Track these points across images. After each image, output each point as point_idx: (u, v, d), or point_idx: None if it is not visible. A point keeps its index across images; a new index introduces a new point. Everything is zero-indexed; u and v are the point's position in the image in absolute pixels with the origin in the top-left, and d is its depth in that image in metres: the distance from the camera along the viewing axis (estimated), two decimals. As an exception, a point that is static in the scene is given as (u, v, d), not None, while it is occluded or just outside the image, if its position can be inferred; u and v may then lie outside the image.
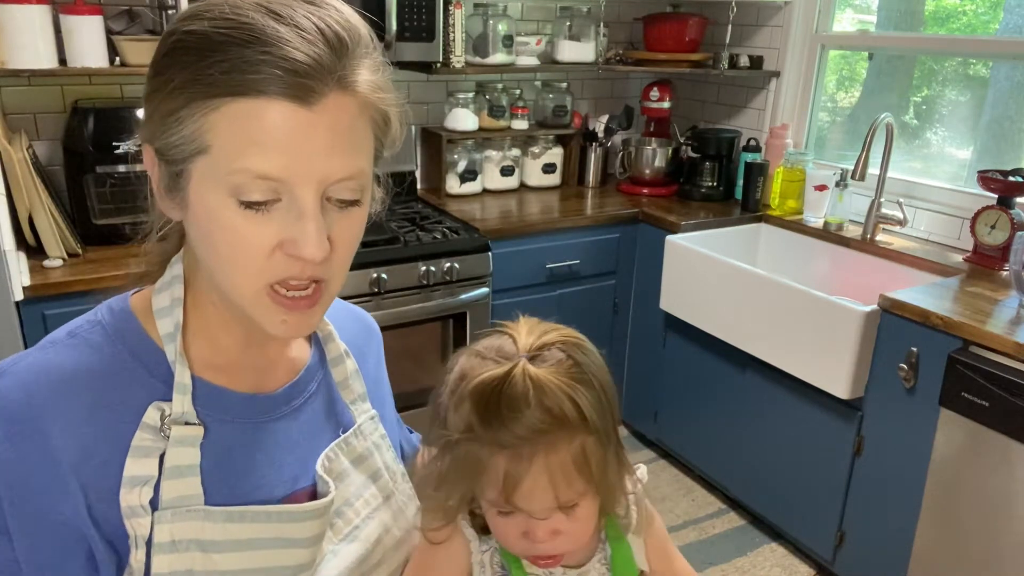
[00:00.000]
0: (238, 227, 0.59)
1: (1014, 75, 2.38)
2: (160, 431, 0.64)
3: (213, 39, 0.57)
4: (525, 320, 0.77)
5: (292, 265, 0.61)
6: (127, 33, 2.17)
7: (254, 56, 0.56)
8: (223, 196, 0.58)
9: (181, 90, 0.57)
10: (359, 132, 0.61)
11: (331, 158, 0.59)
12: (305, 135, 0.57)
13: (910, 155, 2.64)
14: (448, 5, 2.48)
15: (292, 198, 0.59)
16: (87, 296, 1.86)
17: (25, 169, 1.87)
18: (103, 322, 0.68)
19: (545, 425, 0.67)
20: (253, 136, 0.56)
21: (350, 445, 0.78)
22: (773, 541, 2.47)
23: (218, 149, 0.57)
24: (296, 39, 0.56)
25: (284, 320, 0.64)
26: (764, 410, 2.36)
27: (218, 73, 0.56)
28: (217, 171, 0.58)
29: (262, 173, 0.57)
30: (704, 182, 2.93)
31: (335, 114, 0.58)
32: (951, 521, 1.87)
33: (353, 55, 0.60)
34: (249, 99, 0.56)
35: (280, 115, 0.56)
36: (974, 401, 1.75)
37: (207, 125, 0.57)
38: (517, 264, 2.53)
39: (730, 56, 2.80)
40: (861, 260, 2.43)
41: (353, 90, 0.60)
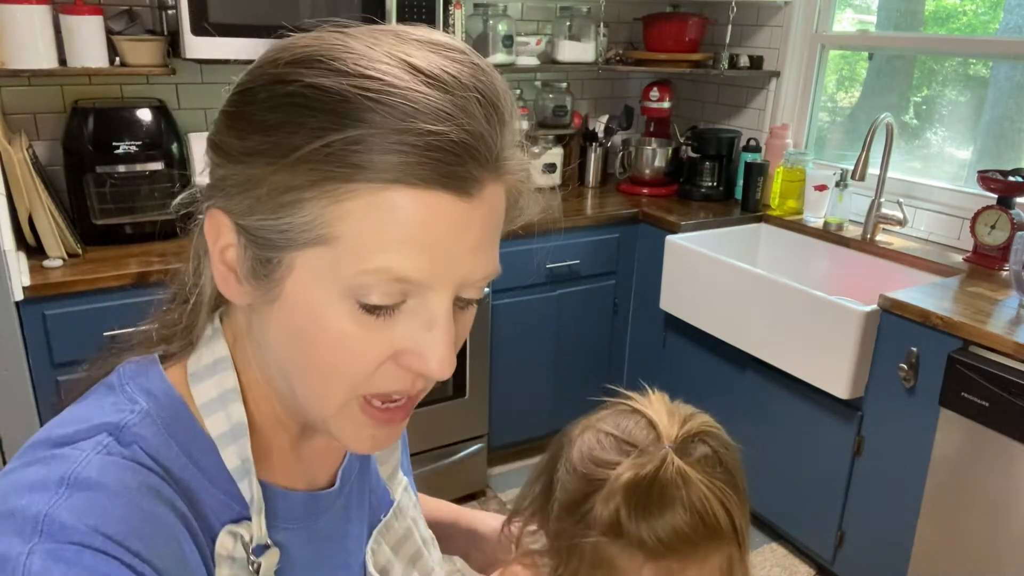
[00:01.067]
0: (351, 333, 0.48)
1: (1014, 75, 2.38)
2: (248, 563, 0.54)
3: (353, 103, 0.44)
4: (657, 397, 0.68)
5: (403, 378, 0.50)
6: (127, 33, 2.17)
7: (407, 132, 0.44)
8: (338, 296, 0.47)
9: (308, 165, 0.45)
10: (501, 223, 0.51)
11: (478, 256, 0.48)
12: (462, 232, 0.47)
13: (910, 155, 2.64)
14: (448, 5, 2.48)
15: (423, 302, 0.48)
16: (87, 296, 1.86)
17: (25, 169, 1.87)
18: (151, 413, 0.53)
19: (697, 535, 0.59)
20: (397, 232, 0.45)
21: (391, 529, 0.69)
22: (773, 541, 2.47)
23: (347, 243, 0.46)
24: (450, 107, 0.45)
25: (373, 436, 0.54)
26: (764, 410, 2.36)
27: (361, 151, 0.44)
28: (339, 268, 0.46)
29: (402, 276, 0.46)
30: (704, 182, 2.93)
31: (490, 204, 0.48)
32: (951, 521, 1.87)
33: (506, 130, 0.49)
34: (400, 187, 0.45)
35: (434, 208, 0.45)
36: (974, 401, 1.75)
37: (338, 213, 0.45)
38: (517, 264, 2.53)
39: (730, 56, 2.80)
40: (861, 260, 2.43)
41: (506, 174, 0.49)
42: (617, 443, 0.63)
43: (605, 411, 0.68)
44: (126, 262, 1.95)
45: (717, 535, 0.60)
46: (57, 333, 1.85)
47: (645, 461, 0.60)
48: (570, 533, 0.63)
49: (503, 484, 2.72)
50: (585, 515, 0.62)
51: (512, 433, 2.75)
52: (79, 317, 1.86)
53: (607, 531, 0.60)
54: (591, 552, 0.61)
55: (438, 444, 2.51)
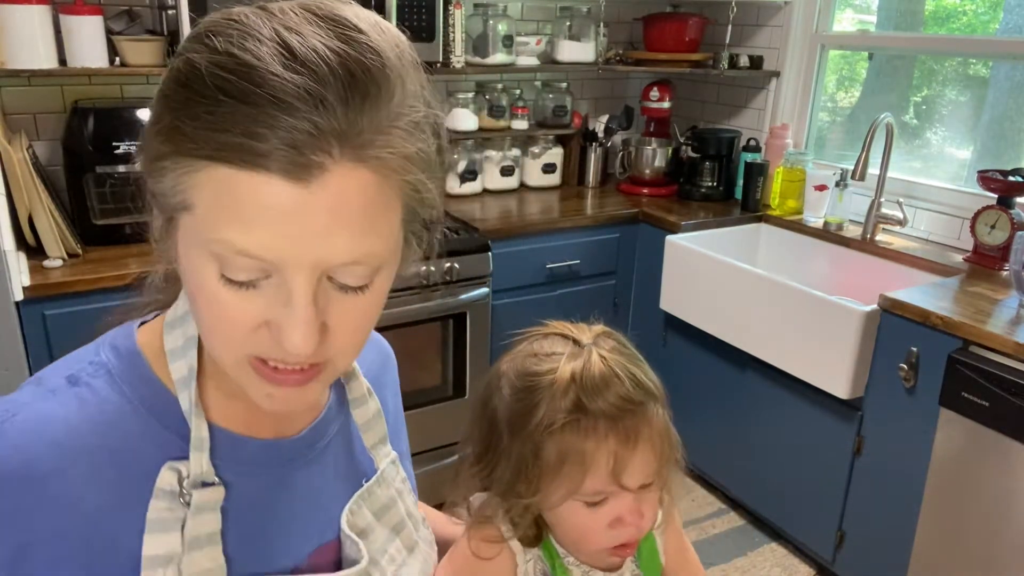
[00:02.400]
0: (220, 298, 0.51)
1: (1014, 75, 2.38)
2: (180, 497, 0.56)
3: (207, 81, 0.47)
4: (555, 321, 0.80)
5: (276, 347, 0.52)
6: (127, 33, 2.17)
7: (247, 116, 0.46)
8: (205, 261, 0.50)
9: (166, 136, 0.49)
10: (376, 210, 0.50)
11: (330, 241, 0.49)
12: (297, 217, 0.47)
13: (910, 155, 2.64)
14: (448, 5, 2.48)
15: (283, 279, 0.50)
16: (87, 296, 1.86)
17: (25, 169, 1.87)
18: (108, 365, 0.59)
19: (639, 396, 0.73)
20: (237, 210, 0.47)
21: (373, 495, 0.71)
22: (773, 541, 2.47)
23: (200, 212, 0.49)
24: (302, 95, 0.46)
25: (269, 394, 0.55)
26: (764, 410, 2.36)
27: (205, 129, 0.47)
28: (199, 234, 0.50)
29: (243, 250, 0.48)
30: (704, 182, 2.93)
31: (341, 192, 0.48)
32: (951, 521, 1.87)
33: (379, 114, 0.49)
34: (235, 168, 0.47)
35: (269, 193, 0.47)
36: (974, 401, 1.75)
37: (190, 183, 0.49)
38: (517, 264, 2.53)
39: (730, 56, 2.80)
40: (861, 260, 2.43)
41: (372, 162, 0.49)
42: (546, 357, 0.75)
43: (519, 346, 0.80)
44: (126, 262, 1.95)
45: (652, 395, 0.75)
46: (57, 333, 1.85)
47: (577, 356, 0.74)
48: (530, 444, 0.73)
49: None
50: (542, 419, 0.72)
51: (512, 433, 2.75)
52: (79, 317, 1.86)
53: (570, 419, 0.71)
54: (555, 450, 0.72)
55: (438, 444, 2.51)
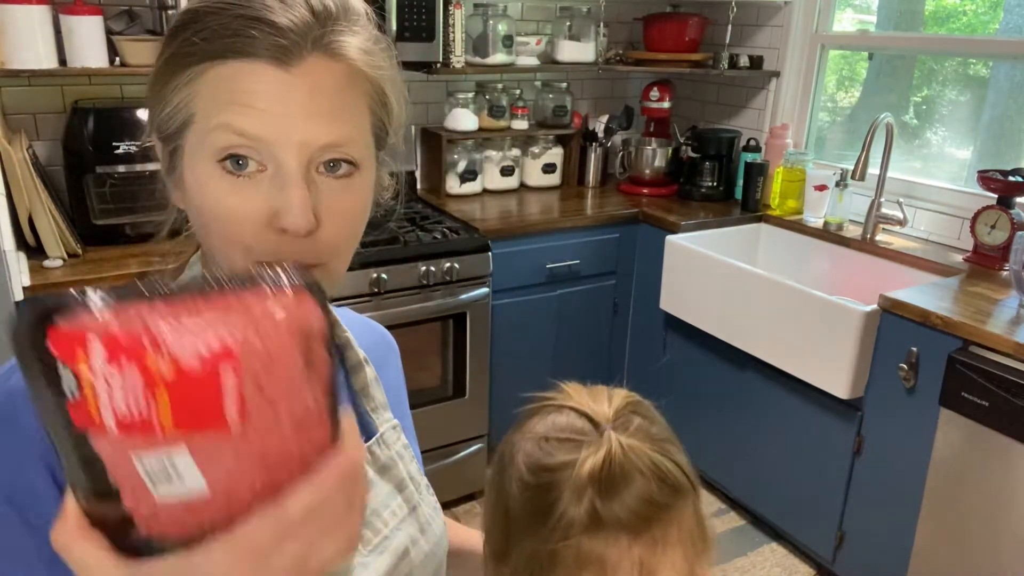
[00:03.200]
0: (225, 197, 0.57)
1: (1014, 75, 2.38)
2: None
3: (199, 12, 0.57)
4: (573, 387, 0.71)
5: (282, 242, 0.58)
6: (127, 33, 2.17)
7: (235, 22, 0.56)
8: (209, 164, 0.57)
9: (168, 63, 0.58)
10: (347, 99, 0.59)
11: (312, 121, 0.57)
12: (283, 96, 0.56)
13: (910, 155, 2.64)
14: (448, 5, 2.48)
15: (276, 166, 0.57)
16: (87, 296, 1.86)
17: (25, 169, 1.87)
18: None
19: (666, 497, 0.62)
20: (231, 96, 0.56)
21: (373, 454, 0.75)
22: (773, 541, 2.47)
23: (201, 115, 0.57)
24: (278, 6, 0.57)
25: None
26: (764, 410, 2.36)
27: (199, 40, 0.56)
28: (202, 137, 0.57)
29: (239, 129, 0.56)
30: (704, 182, 2.93)
31: (316, 77, 0.57)
32: (951, 521, 1.87)
33: (337, 21, 0.59)
34: (228, 62, 0.56)
35: (257, 76, 0.56)
36: (974, 401, 1.75)
37: (192, 93, 0.57)
38: (517, 264, 2.53)
39: (730, 56, 2.80)
40: (861, 260, 2.43)
41: (338, 55, 0.58)
42: (559, 443, 0.65)
43: (531, 419, 0.70)
44: (126, 262, 1.95)
45: (680, 490, 0.64)
46: (57, 333, 1.85)
47: (595, 449, 0.63)
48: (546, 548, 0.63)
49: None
50: (557, 523, 0.62)
51: (512, 433, 2.75)
52: (79, 317, 1.86)
53: (588, 526, 0.61)
54: (574, 555, 0.62)
55: (438, 444, 2.51)
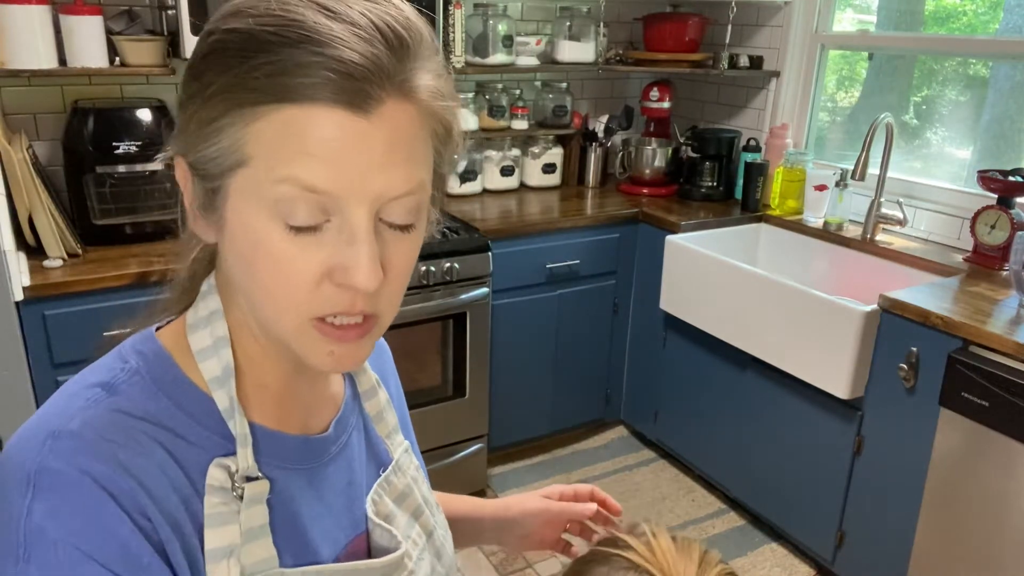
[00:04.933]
0: (282, 252, 0.52)
1: (1014, 75, 2.38)
2: (232, 491, 0.58)
3: (258, 38, 0.50)
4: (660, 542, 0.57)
5: (342, 297, 0.54)
6: (127, 33, 2.17)
7: (303, 57, 0.49)
8: (266, 216, 0.52)
9: (220, 96, 0.51)
10: (419, 143, 0.54)
11: (388, 172, 0.52)
12: (360, 146, 0.51)
13: (910, 155, 2.64)
14: (448, 5, 2.48)
15: (343, 219, 0.52)
16: (87, 296, 1.86)
17: (25, 169, 1.87)
18: (140, 371, 0.59)
19: None
20: (301, 146, 0.50)
21: (391, 484, 0.73)
22: (773, 541, 2.47)
23: (261, 160, 0.51)
24: (351, 37, 0.50)
25: (331, 352, 0.57)
26: (764, 410, 2.36)
27: (263, 77, 0.50)
28: (259, 185, 0.52)
29: (309, 185, 0.50)
30: (704, 182, 2.93)
31: (394, 123, 0.52)
32: (951, 521, 1.87)
33: (414, 57, 0.53)
34: (297, 105, 0.50)
35: (332, 123, 0.50)
36: (974, 401, 1.75)
37: (249, 135, 0.51)
38: (517, 264, 2.53)
39: (730, 56, 2.80)
40: (861, 260, 2.43)
41: (414, 96, 0.53)
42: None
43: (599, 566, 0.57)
44: (126, 262, 1.95)
45: None
46: (57, 333, 1.85)
47: None
48: None
49: (503, 484, 2.73)
50: None
51: (512, 433, 2.75)
52: (79, 317, 1.86)
53: None
54: None
55: (438, 444, 2.51)
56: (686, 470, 2.82)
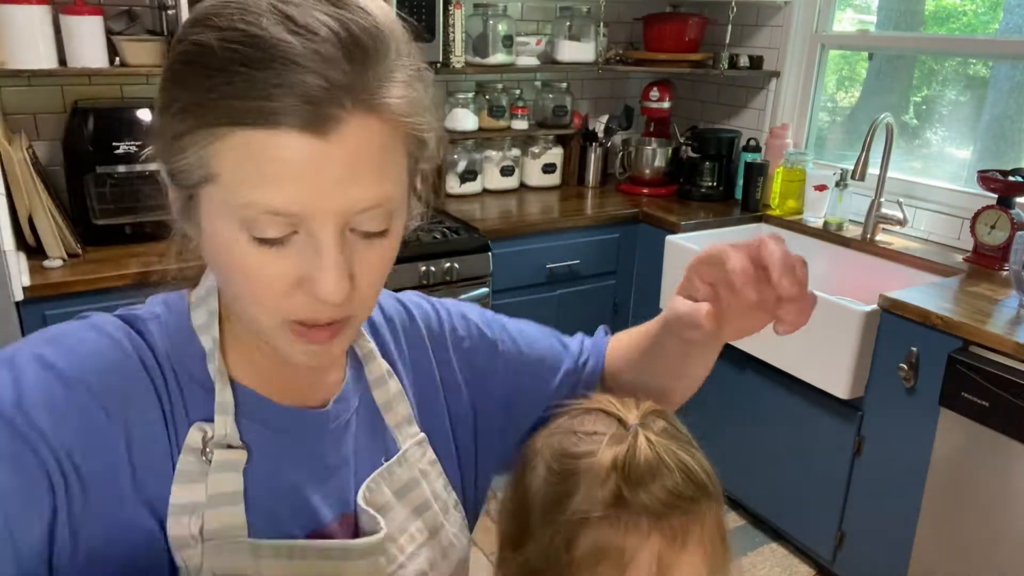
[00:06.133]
0: (252, 262, 0.54)
1: (1014, 75, 2.38)
2: (202, 455, 0.60)
3: (219, 56, 0.50)
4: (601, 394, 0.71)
5: (312, 305, 0.55)
6: (127, 33, 2.17)
7: (263, 81, 0.49)
8: (235, 228, 0.53)
9: (185, 113, 0.52)
10: (387, 156, 0.54)
11: (350, 189, 0.52)
12: (320, 168, 0.50)
13: (910, 155, 2.64)
14: (448, 5, 2.48)
15: (310, 232, 0.53)
16: (87, 296, 1.86)
17: (25, 169, 1.87)
18: (161, 317, 0.64)
19: (690, 491, 0.62)
20: (261, 169, 0.50)
21: (394, 474, 0.72)
22: (773, 541, 2.47)
23: (226, 179, 0.52)
24: (312, 56, 0.49)
25: (305, 351, 0.59)
26: (764, 410, 2.36)
27: (221, 98, 0.50)
28: (226, 202, 0.52)
29: (271, 208, 0.51)
30: (704, 182, 2.93)
31: (356, 141, 0.51)
32: (951, 521, 1.87)
33: (380, 67, 0.52)
34: (256, 129, 0.50)
35: (291, 147, 0.50)
36: (974, 401, 1.75)
37: (212, 153, 0.51)
38: (517, 264, 2.53)
39: (730, 56, 2.80)
40: (861, 260, 2.43)
41: (381, 111, 0.52)
42: (586, 436, 0.66)
43: (558, 419, 0.70)
44: (126, 262, 1.95)
45: (707, 492, 0.64)
46: (57, 333, 1.85)
47: (621, 440, 0.64)
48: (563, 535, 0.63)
49: (503, 484, 2.72)
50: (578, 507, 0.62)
51: (512, 433, 2.75)
52: (79, 317, 1.86)
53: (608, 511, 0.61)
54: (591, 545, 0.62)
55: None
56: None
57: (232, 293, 0.58)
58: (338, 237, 0.53)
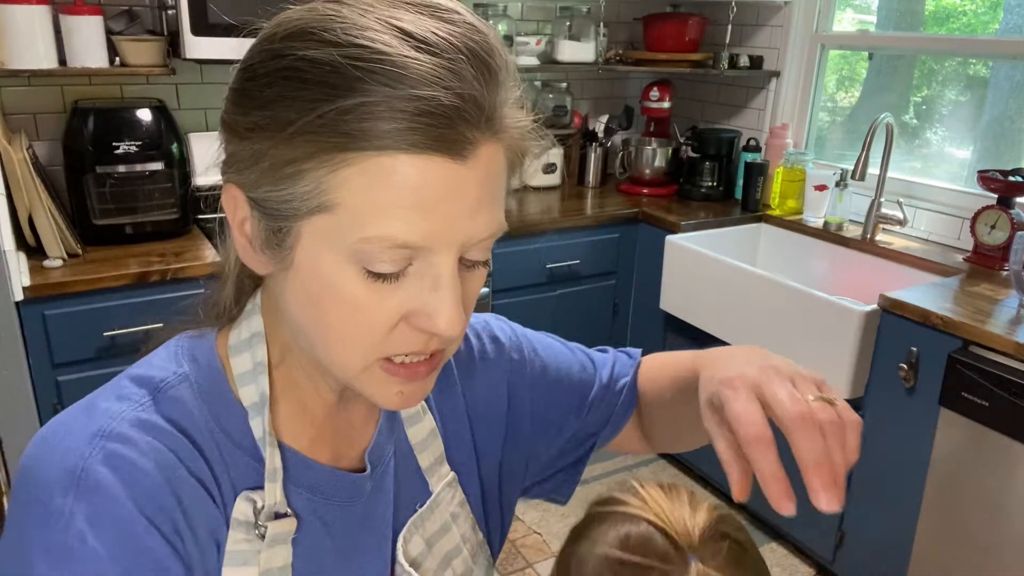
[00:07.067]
0: (360, 299, 0.50)
1: (1014, 75, 2.38)
2: (255, 528, 0.56)
3: (342, 74, 0.45)
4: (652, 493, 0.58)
5: (416, 339, 0.52)
6: (127, 33, 2.17)
7: (396, 99, 0.45)
8: (344, 262, 0.49)
9: (303, 137, 0.47)
10: (503, 181, 0.52)
11: (478, 217, 0.49)
12: (455, 194, 0.47)
13: (910, 155, 2.64)
14: (448, 5, 2.48)
15: (427, 264, 0.49)
16: (87, 296, 1.86)
17: (25, 169, 1.87)
18: (190, 378, 0.58)
19: None
20: (394, 198, 0.46)
21: (426, 522, 0.69)
22: (773, 541, 2.47)
23: (348, 210, 0.47)
24: (443, 72, 0.46)
25: (400, 392, 0.55)
26: (764, 410, 2.36)
27: (354, 120, 0.45)
28: (342, 235, 0.48)
29: (403, 242, 0.47)
30: (704, 182, 2.93)
31: (488, 166, 0.49)
32: (951, 521, 1.87)
33: (501, 88, 0.49)
34: (389, 153, 0.46)
35: (428, 172, 0.46)
36: (974, 401, 1.75)
37: (336, 181, 0.47)
38: (517, 264, 2.53)
39: (730, 56, 2.80)
40: (861, 260, 2.43)
41: (503, 133, 0.50)
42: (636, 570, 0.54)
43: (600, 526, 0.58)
44: (126, 262, 1.95)
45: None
46: (57, 333, 1.85)
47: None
48: None
49: None
50: None
51: (512, 433, 2.75)
52: (79, 317, 1.86)
53: None
54: None
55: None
56: (686, 470, 2.81)
57: (321, 335, 0.53)
58: (456, 268, 0.50)
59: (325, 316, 0.52)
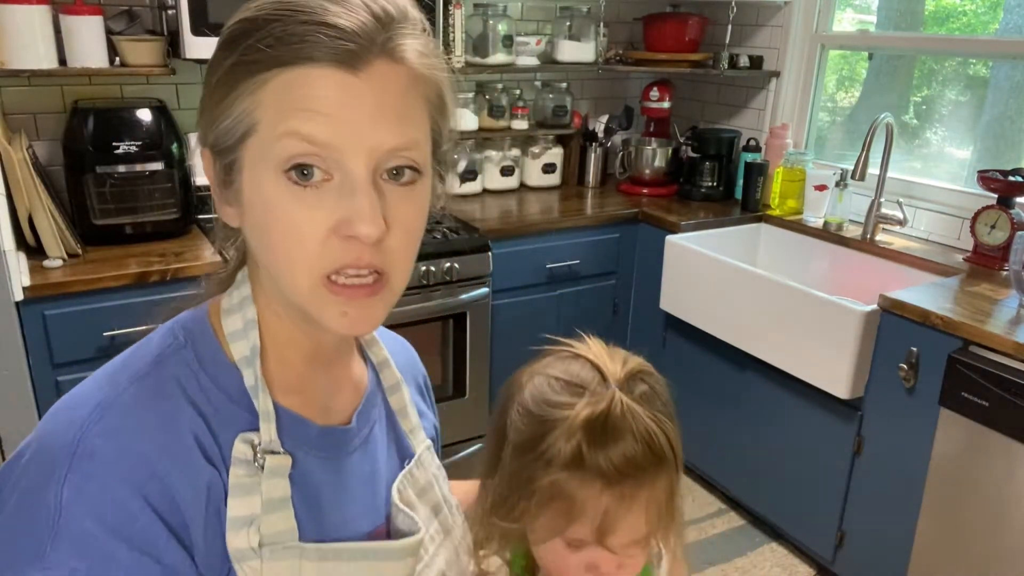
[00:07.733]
0: (290, 210, 0.56)
1: (1014, 75, 2.38)
2: (255, 462, 0.62)
3: (258, 21, 0.56)
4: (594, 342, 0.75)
5: (348, 250, 0.57)
6: (127, 33, 2.17)
7: (298, 27, 0.55)
8: (273, 174, 0.56)
9: (228, 74, 0.57)
10: (410, 104, 0.59)
11: (380, 126, 0.56)
12: (352, 101, 0.55)
13: (910, 155, 2.64)
14: (448, 5, 2.48)
15: (344, 174, 0.56)
16: (87, 296, 1.86)
17: (25, 169, 1.87)
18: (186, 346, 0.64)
19: (647, 461, 0.68)
20: (300, 102, 0.55)
21: (414, 477, 0.76)
22: (773, 541, 2.47)
23: (266, 125, 0.56)
24: (341, 11, 0.56)
25: (344, 312, 0.60)
26: (764, 410, 2.36)
27: (264, 47, 0.55)
28: (265, 149, 0.56)
29: (308, 136, 0.55)
30: (704, 182, 2.93)
31: (383, 82, 0.57)
32: (951, 521, 1.87)
33: (400, 28, 0.58)
34: (295, 68, 0.55)
35: (326, 81, 0.55)
36: (974, 401, 1.75)
37: (255, 102, 0.56)
38: (517, 264, 2.53)
39: (730, 56, 2.80)
40: (861, 260, 2.43)
41: (401, 59, 0.58)
42: (567, 386, 0.71)
43: (549, 358, 0.76)
44: (126, 262, 1.95)
45: (662, 461, 0.69)
46: (57, 333, 1.85)
47: (597, 400, 0.68)
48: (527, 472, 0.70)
49: None
50: (543, 453, 0.69)
51: (512, 433, 2.75)
52: (79, 317, 1.86)
53: (568, 464, 0.67)
54: (549, 486, 0.69)
55: (438, 444, 2.51)
56: (686, 470, 2.82)
57: (272, 258, 0.60)
58: (370, 175, 0.57)
59: (270, 239, 0.58)
